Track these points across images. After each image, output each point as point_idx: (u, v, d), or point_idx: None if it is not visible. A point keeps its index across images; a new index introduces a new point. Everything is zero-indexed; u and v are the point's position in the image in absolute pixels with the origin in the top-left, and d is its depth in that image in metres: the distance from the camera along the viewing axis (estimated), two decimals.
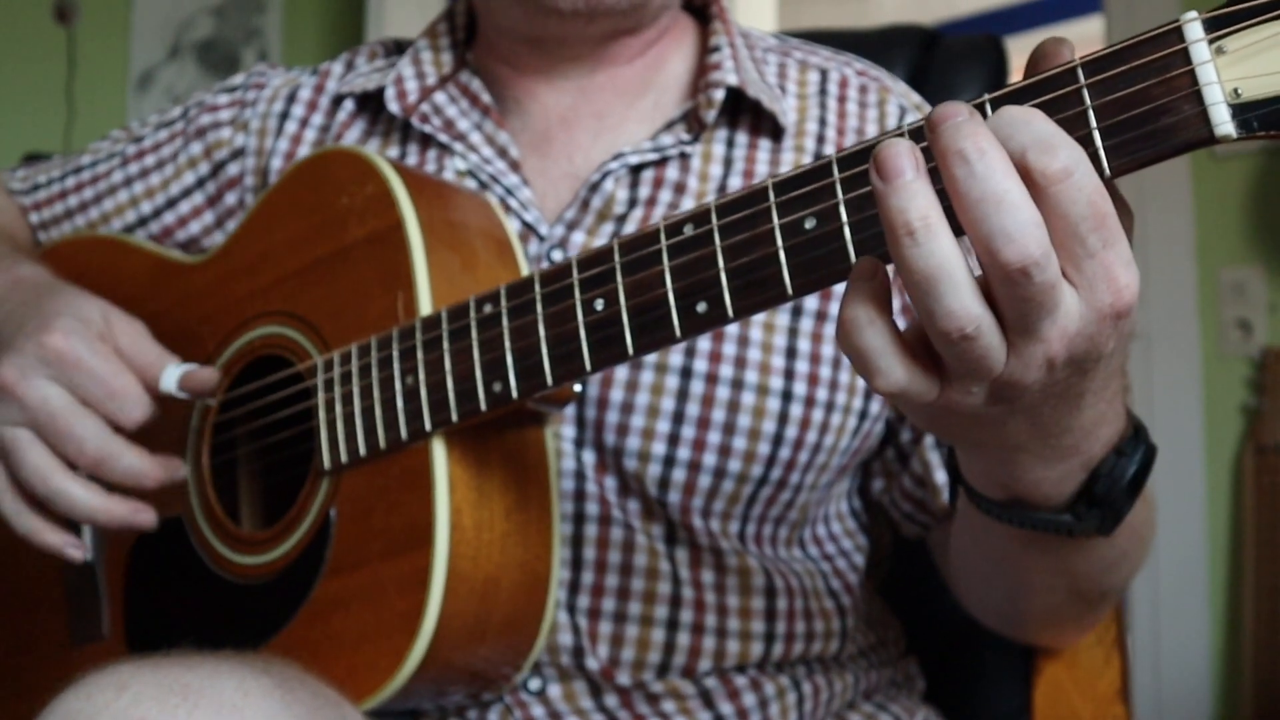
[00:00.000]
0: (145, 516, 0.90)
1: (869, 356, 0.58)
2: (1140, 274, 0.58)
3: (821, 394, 0.93)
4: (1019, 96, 0.58)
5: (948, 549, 0.99)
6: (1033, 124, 0.54)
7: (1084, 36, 4.50)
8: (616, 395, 0.91)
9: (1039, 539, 0.76)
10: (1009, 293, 0.55)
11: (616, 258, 0.71)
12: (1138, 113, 0.56)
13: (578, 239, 0.95)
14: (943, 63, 1.26)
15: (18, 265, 1.00)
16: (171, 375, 0.90)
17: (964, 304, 0.55)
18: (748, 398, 0.91)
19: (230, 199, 1.08)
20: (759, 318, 0.93)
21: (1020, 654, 1.11)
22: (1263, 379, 2.59)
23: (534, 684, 0.91)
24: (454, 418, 0.79)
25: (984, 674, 1.17)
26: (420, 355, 0.81)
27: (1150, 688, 2.67)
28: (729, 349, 0.92)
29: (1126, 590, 0.94)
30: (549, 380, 0.75)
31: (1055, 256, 0.54)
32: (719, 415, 0.91)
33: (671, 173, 0.97)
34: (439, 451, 0.81)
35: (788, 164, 0.97)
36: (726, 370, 0.91)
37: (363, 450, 0.83)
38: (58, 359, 0.86)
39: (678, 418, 0.91)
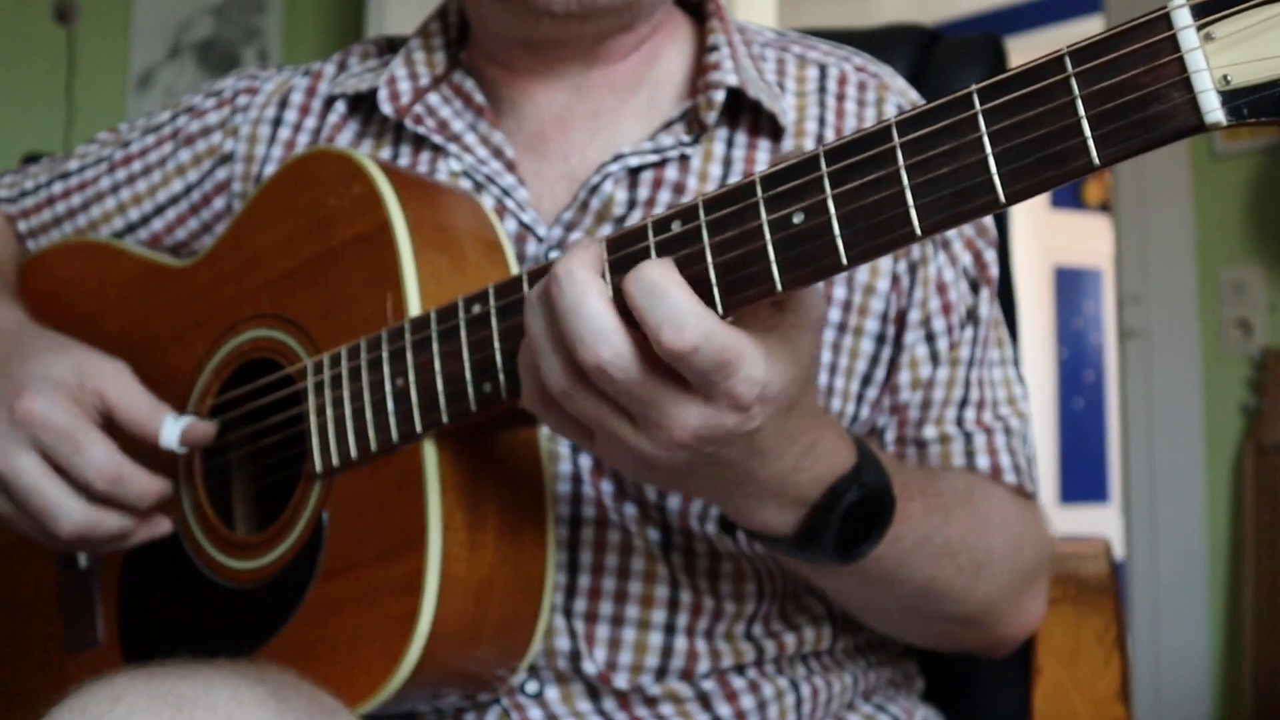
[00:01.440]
0: (162, 527, 0.93)
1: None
2: (1140, 273, 0.60)
3: (818, 400, 0.92)
4: (1007, 87, 0.58)
5: None
6: (666, 298, 0.63)
7: (1084, 36, 4.48)
8: None
9: (807, 563, 0.82)
10: (597, 384, 0.66)
11: (603, 256, 0.71)
12: (1126, 101, 0.56)
13: (576, 240, 0.94)
14: (942, 62, 1.26)
15: None
16: (172, 432, 0.89)
17: (549, 367, 0.68)
18: None
19: (219, 204, 1.08)
20: None
21: (1020, 654, 1.11)
22: (1263, 379, 2.58)
23: (531, 687, 0.90)
24: (444, 419, 0.79)
25: (984, 674, 1.16)
26: (410, 357, 0.80)
27: (1150, 688, 2.67)
28: None
29: (998, 608, 0.95)
30: None
31: (638, 365, 0.65)
32: None
33: (671, 173, 0.96)
34: (430, 453, 0.80)
35: None
36: None
37: (354, 453, 0.83)
38: (27, 420, 0.86)
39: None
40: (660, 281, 0.64)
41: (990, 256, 1.01)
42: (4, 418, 0.86)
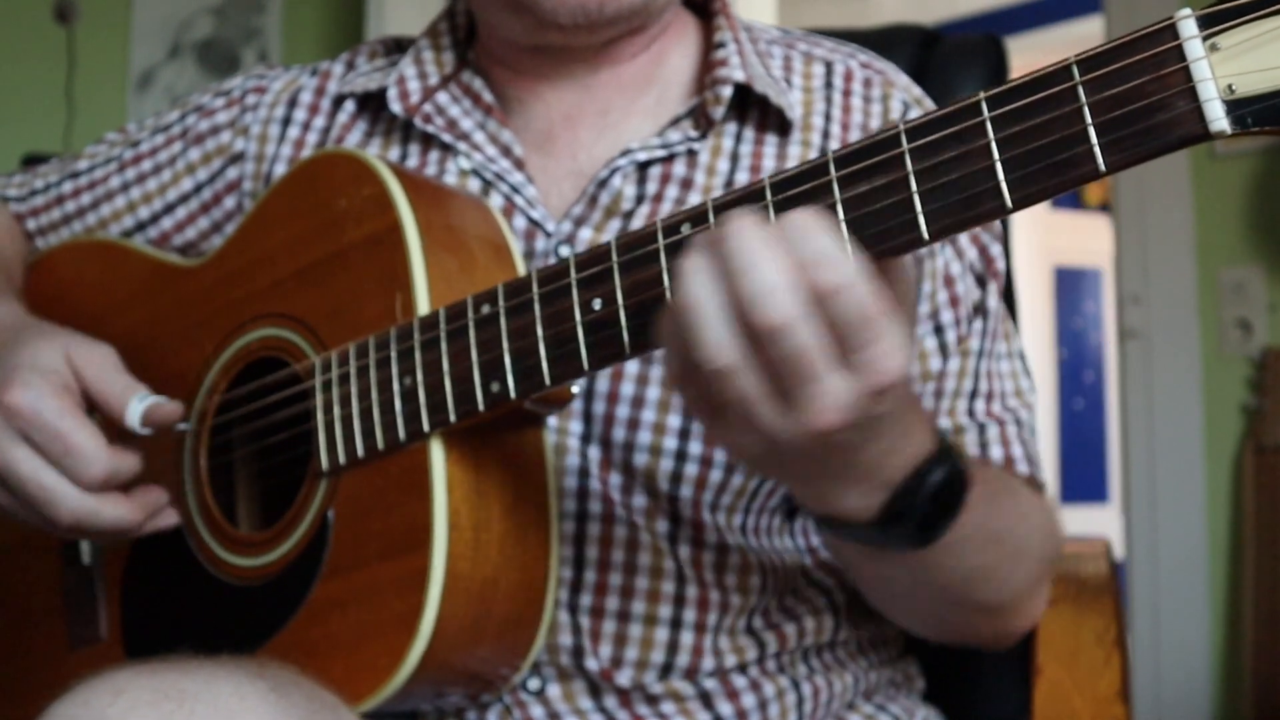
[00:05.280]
0: (168, 519, 0.92)
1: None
2: (1140, 273, 0.60)
3: None
4: (1015, 94, 0.59)
5: None
6: (812, 239, 0.60)
7: (1084, 37, 4.50)
8: (627, 390, 0.91)
9: (874, 550, 0.80)
10: (766, 353, 0.61)
11: (614, 257, 0.71)
12: (1132, 109, 0.57)
13: (585, 235, 0.95)
14: (943, 63, 1.26)
15: None
16: (135, 411, 0.89)
17: (717, 337, 0.62)
18: None
19: (229, 203, 1.08)
20: None
21: (1020, 654, 1.11)
22: (1263, 379, 2.59)
23: (533, 684, 0.91)
24: (452, 419, 0.79)
25: (984, 674, 1.17)
26: (418, 356, 0.81)
27: (1150, 688, 2.67)
28: None
29: (1021, 598, 0.94)
30: (547, 380, 0.75)
31: (810, 326, 0.60)
32: None
33: (679, 169, 0.97)
34: (437, 452, 0.80)
35: (794, 159, 0.97)
36: None
37: (361, 452, 0.83)
38: (15, 415, 0.85)
39: (689, 413, 0.90)
40: (806, 220, 0.61)
41: (996, 251, 1.02)
42: None
